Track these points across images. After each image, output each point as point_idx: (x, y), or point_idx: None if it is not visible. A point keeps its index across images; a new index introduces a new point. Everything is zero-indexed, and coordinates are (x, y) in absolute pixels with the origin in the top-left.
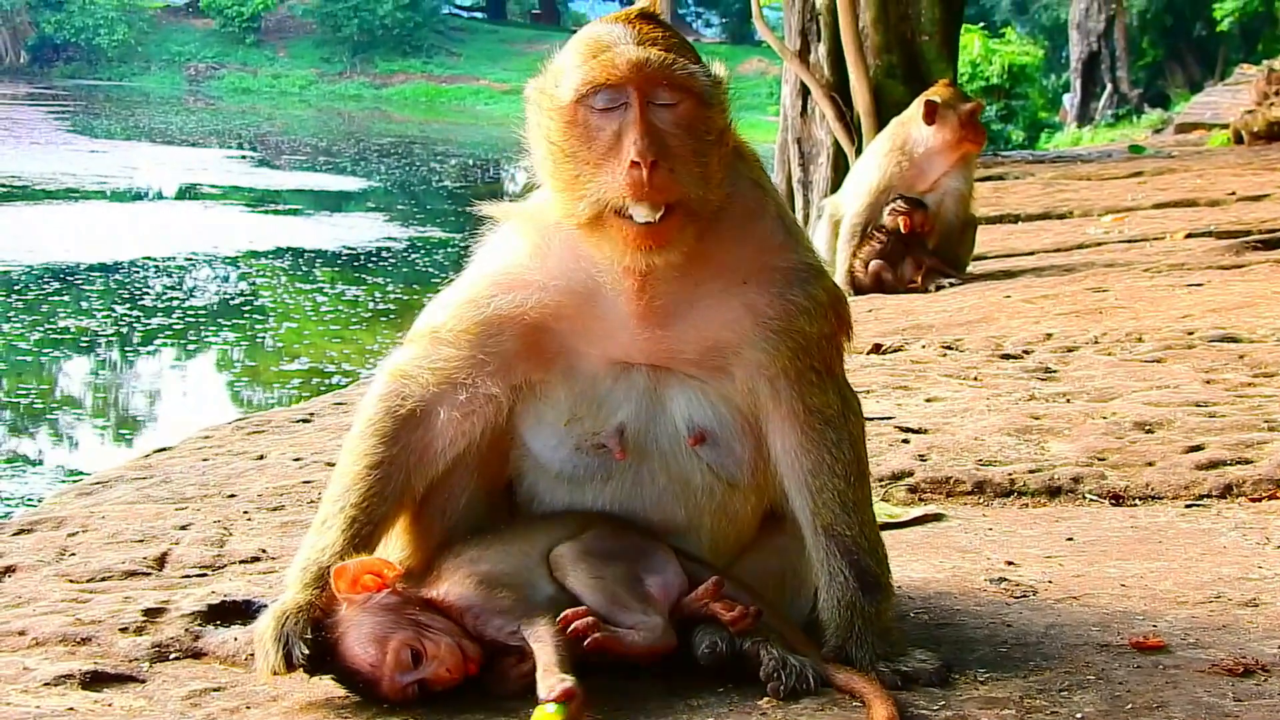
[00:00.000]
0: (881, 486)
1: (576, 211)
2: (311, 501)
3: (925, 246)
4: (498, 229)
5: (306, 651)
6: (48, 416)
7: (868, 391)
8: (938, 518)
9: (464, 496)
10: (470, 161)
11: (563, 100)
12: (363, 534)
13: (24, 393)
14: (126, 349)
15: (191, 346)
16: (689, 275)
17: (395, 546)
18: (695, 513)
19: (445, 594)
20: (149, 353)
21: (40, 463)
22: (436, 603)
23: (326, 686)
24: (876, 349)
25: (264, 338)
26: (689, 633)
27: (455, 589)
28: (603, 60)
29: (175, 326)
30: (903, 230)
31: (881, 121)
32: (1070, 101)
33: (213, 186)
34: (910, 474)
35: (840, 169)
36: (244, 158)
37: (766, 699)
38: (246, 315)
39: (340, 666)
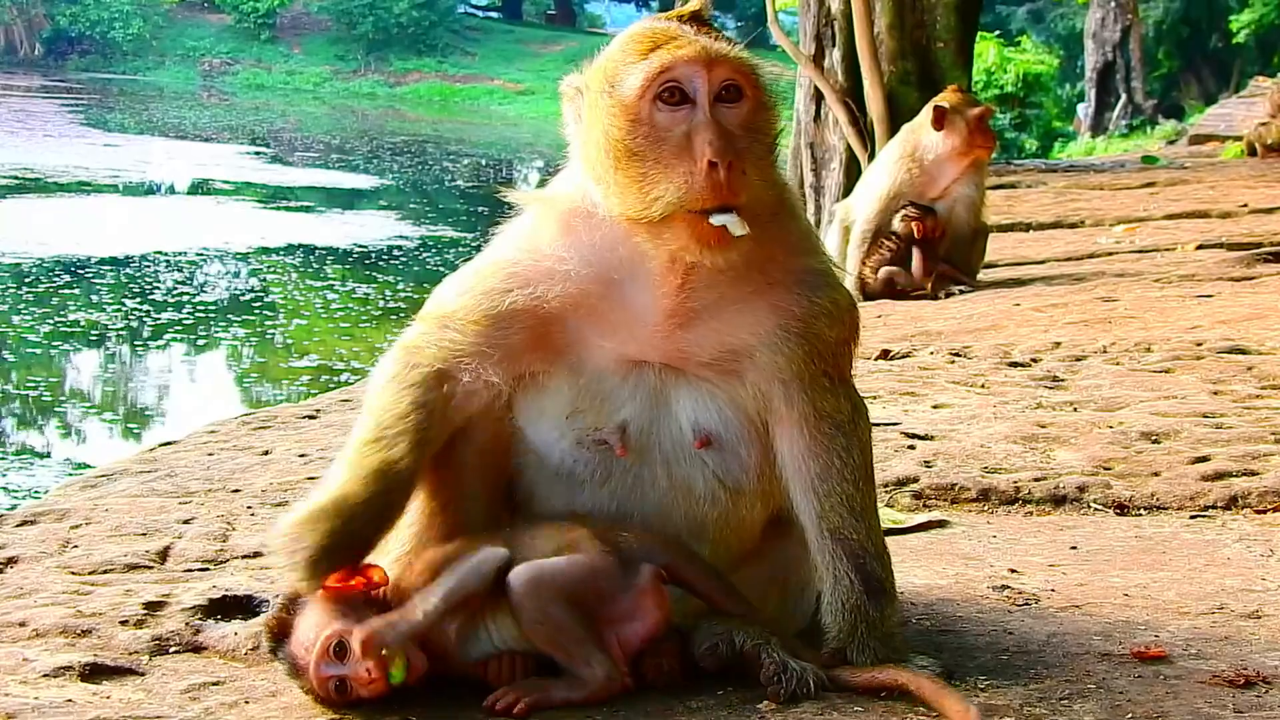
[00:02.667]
0: (886, 492)
1: (643, 209)
2: None
3: (936, 253)
4: (521, 215)
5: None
6: (56, 409)
7: (875, 397)
8: (942, 524)
9: (465, 492)
10: (483, 161)
11: (626, 95)
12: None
13: (33, 385)
14: (136, 343)
15: (201, 342)
16: (723, 277)
17: (392, 544)
18: (697, 517)
19: (411, 601)
20: (158, 347)
21: (48, 455)
22: (399, 603)
23: None
24: (885, 355)
25: (274, 334)
26: (690, 632)
27: (421, 598)
28: (670, 49)
29: (185, 321)
30: (914, 236)
31: (895, 128)
32: (1084, 111)
33: (225, 182)
34: (915, 480)
35: (853, 174)
36: (257, 154)
37: (766, 702)
38: (257, 311)
39: (287, 648)
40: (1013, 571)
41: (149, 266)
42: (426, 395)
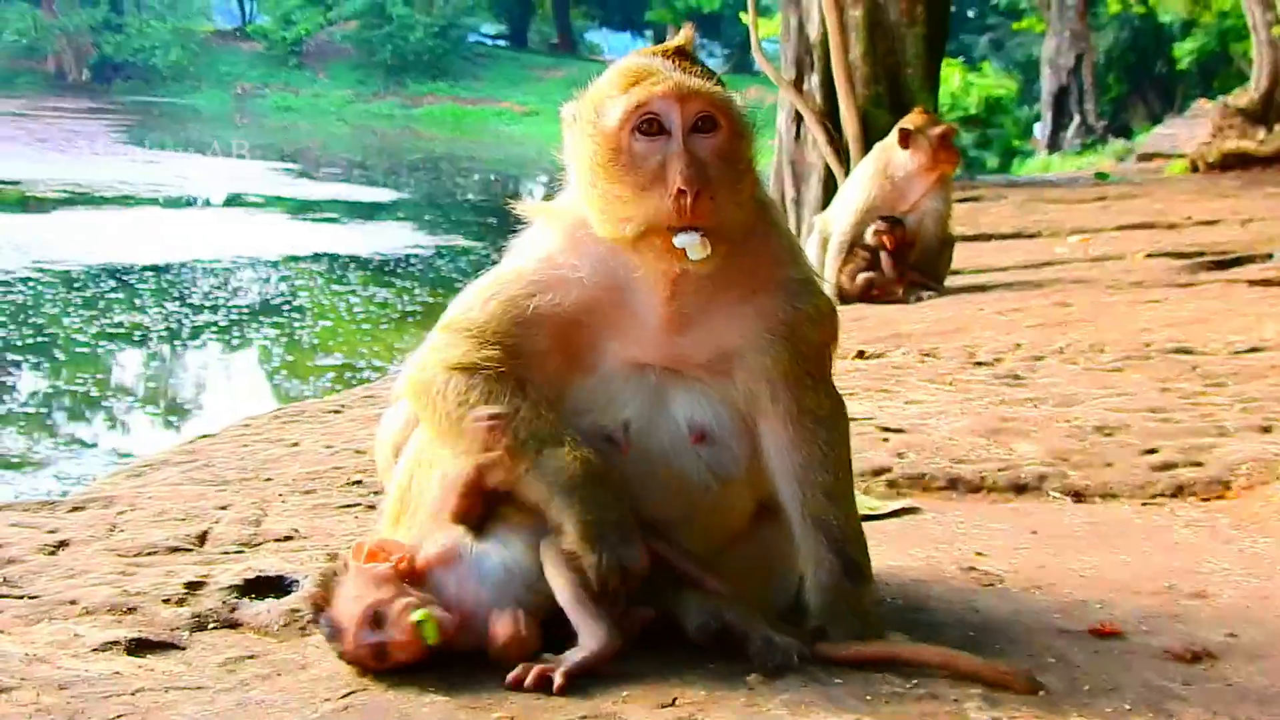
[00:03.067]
0: (863, 481)
1: (619, 230)
2: (341, 485)
3: (906, 261)
4: (532, 227)
5: None
6: (103, 404)
7: (852, 394)
8: (914, 511)
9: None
10: (492, 176)
11: (608, 126)
12: None
13: (81, 382)
14: (175, 343)
15: (235, 342)
16: (711, 286)
17: (414, 521)
18: (691, 505)
19: (437, 566)
20: (196, 347)
21: (95, 445)
22: (426, 572)
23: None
24: (861, 355)
25: (301, 335)
26: (683, 610)
27: (448, 563)
28: (646, 86)
29: (220, 323)
30: (886, 246)
31: (868, 146)
32: (1041, 131)
33: (257, 196)
34: (889, 470)
35: (830, 189)
36: (286, 170)
37: (754, 675)
38: (286, 314)
39: (324, 617)
40: (978, 554)
41: (187, 273)
42: (464, 398)
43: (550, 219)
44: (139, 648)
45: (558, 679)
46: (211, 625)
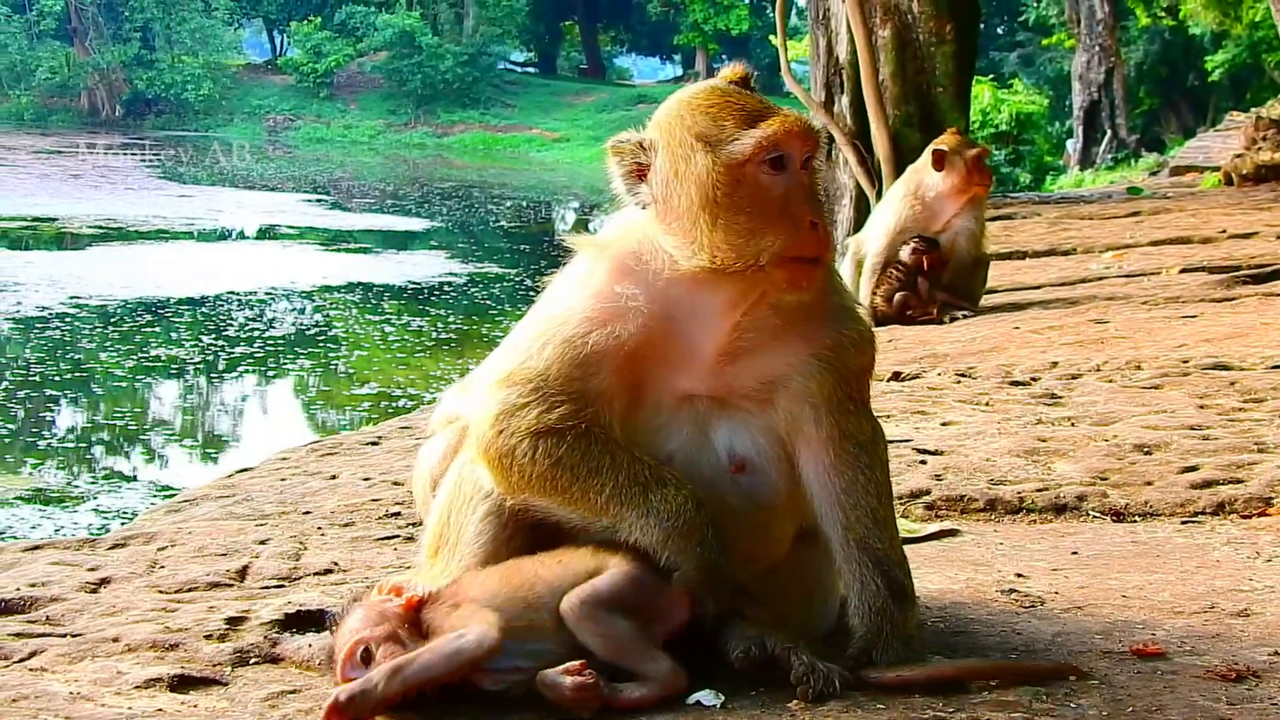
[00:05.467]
0: (901, 504)
1: (743, 258)
2: (379, 517)
3: (940, 281)
4: (580, 261)
5: None
6: (141, 437)
7: (888, 416)
8: (953, 533)
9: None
10: (524, 203)
11: (735, 159)
12: None
13: (119, 415)
14: (212, 375)
15: (271, 373)
16: (773, 315)
17: (453, 555)
18: (732, 533)
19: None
20: (233, 378)
21: (134, 479)
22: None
23: None
24: (896, 376)
25: (336, 364)
26: (725, 636)
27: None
28: (778, 123)
29: (256, 355)
30: (920, 267)
31: (900, 167)
32: (1073, 146)
33: (290, 227)
34: (927, 492)
35: (862, 211)
36: (318, 201)
37: (796, 701)
38: (321, 344)
39: (325, 644)
40: (1019, 576)
41: (222, 305)
42: (557, 459)
43: (600, 252)
44: (181, 684)
45: (610, 695)
46: (253, 660)
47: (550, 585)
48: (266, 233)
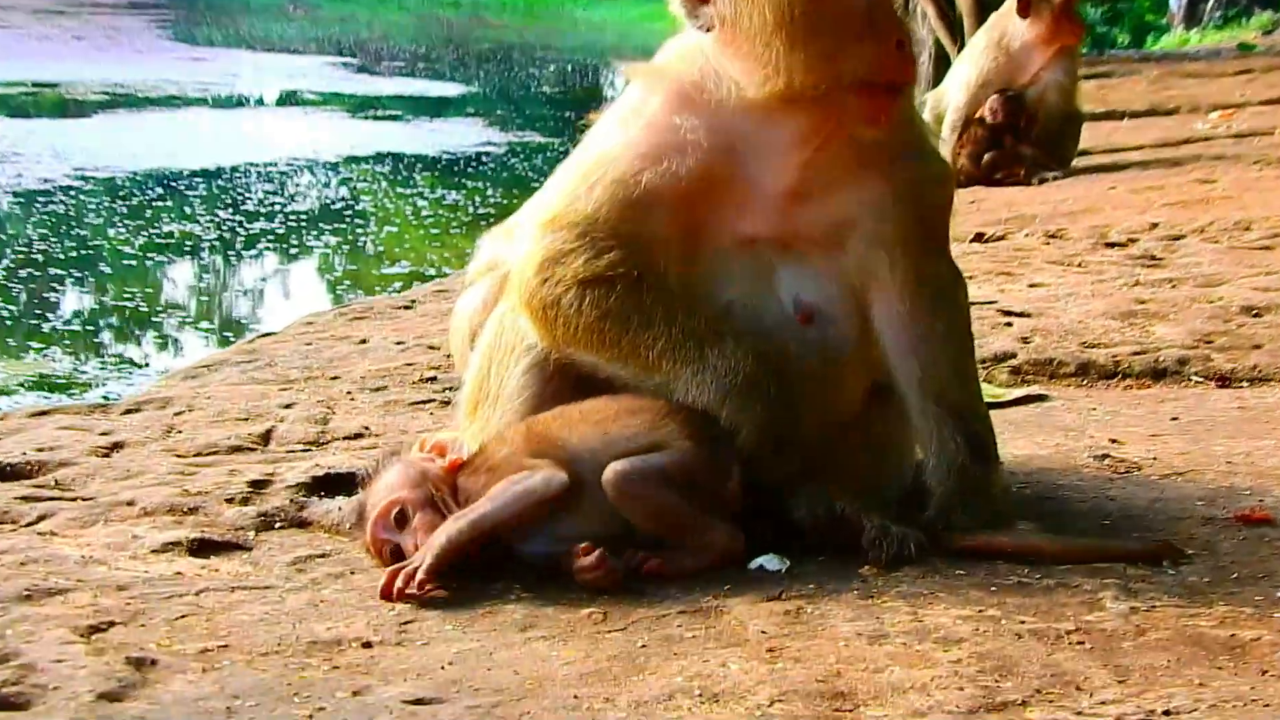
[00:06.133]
0: (984, 368)
1: (821, 81)
2: (414, 382)
3: (1027, 139)
4: (633, 91)
5: None
6: (153, 320)
7: (970, 277)
8: (1041, 398)
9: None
10: (569, 67)
11: None
12: None
13: (129, 297)
14: (229, 254)
15: (294, 251)
16: (848, 149)
17: (494, 411)
18: (798, 390)
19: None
20: (252, 257)
21: (146, 365)
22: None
23: None
24: (979, 238)
25: (364, 242)
26: (790, 497)
27: (484, 502)
28: None
29: (277, 231)
30: (1004, 123)
31: (982, 19)
32: (1177, 4)
33: (313, 93)
34: (1013, 356)
35: (940, 66)
36: (344, 64)
37: (868, 567)
38: (347, 220)
39: (354, 500)
40: (1113, 442)
41: (240, 178)
42: (605, 311)
43: (656, 80)
44: (202, 548)
45: (651, 564)
46: (278, 525)
47: (593, 452)
48: (288, 99)
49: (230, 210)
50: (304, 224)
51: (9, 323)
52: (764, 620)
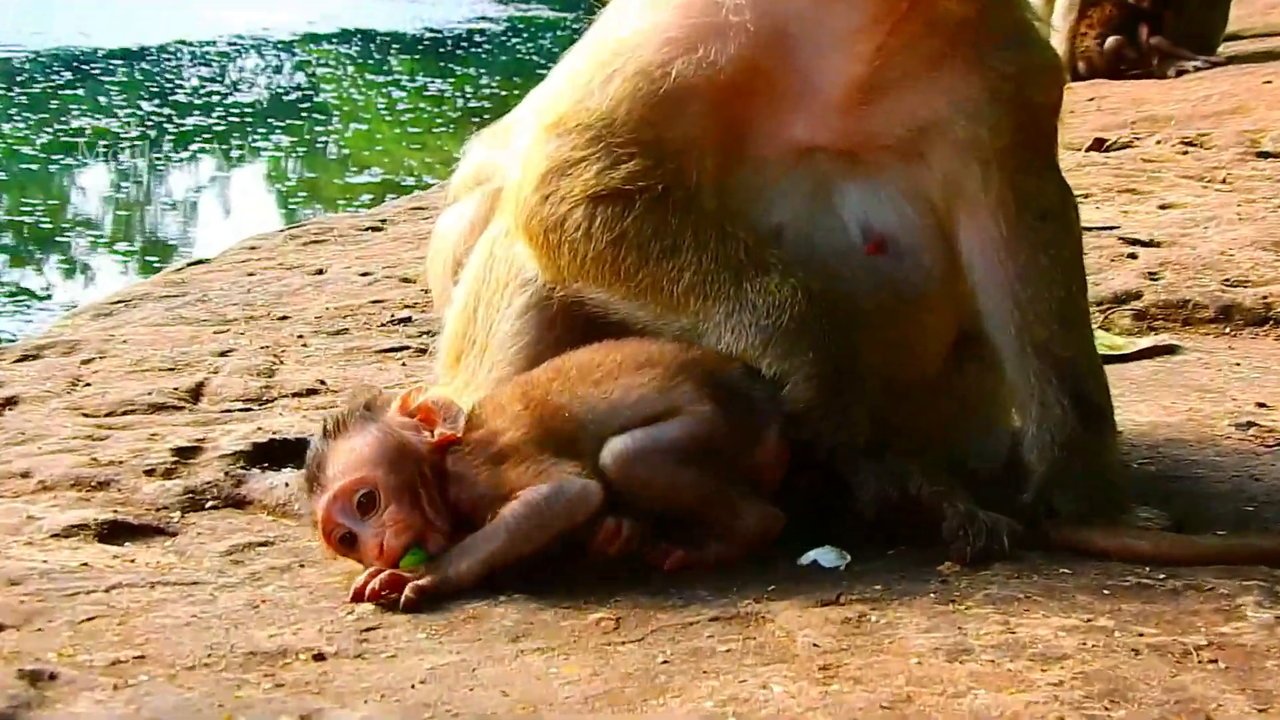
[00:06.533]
0: (1101, 311)
1: None
2: (382, 324)
3: (1163, 21)
4: None
5: None
6: (58, 239)
7: (1086, 195)
8: (1171, 350)
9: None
10: None
11: None
12: None
13: (28, 210)
14: (155, 156)
15: (236, 153)
16: (934, 32)
17: (481, 363)
18: (864, 338)
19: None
20: (182, 161)
21: (49, 297)
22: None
23: None
24: (1098, 145)
25: (324, 143)
26: (850, 479)
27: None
28: None
29: (216, 128)
30: (1139, 4)
31: None
32: None
33: None
34: (1138, 296)
35: None
36: None
37: (948, 563)
38: (303, 115)
39: (309, 466)
40: (1261, 406)
41: (169, 60)
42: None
43: None
44: (114, 533)
45: (673, 558)
46: (210, 504)
47: (597, 424)
48: None
49: (156, 101)
50: (248, 119)
51: None
52: (816, 630)
